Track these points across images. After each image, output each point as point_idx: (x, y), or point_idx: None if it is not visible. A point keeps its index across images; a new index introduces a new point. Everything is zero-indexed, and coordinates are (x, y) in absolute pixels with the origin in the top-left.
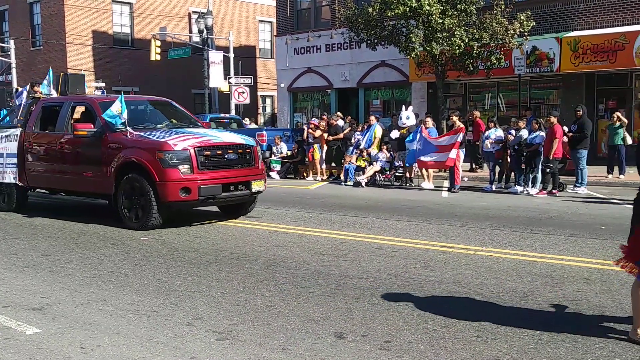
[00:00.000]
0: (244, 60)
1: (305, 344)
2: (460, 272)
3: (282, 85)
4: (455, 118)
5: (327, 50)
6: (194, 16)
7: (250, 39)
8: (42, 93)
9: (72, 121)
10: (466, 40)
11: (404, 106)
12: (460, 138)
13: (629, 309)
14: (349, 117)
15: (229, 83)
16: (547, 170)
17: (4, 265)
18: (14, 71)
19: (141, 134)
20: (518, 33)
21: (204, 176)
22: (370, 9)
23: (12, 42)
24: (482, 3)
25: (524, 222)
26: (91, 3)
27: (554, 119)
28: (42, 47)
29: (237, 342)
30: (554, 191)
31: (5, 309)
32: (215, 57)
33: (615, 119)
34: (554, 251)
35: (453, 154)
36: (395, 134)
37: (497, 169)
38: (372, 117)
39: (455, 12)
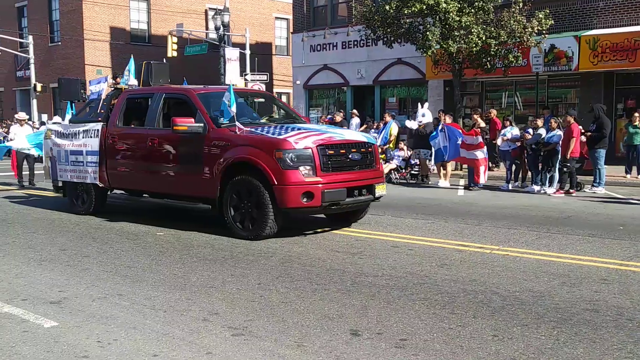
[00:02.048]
0: (260, 57)
1: (321, 341)
2: (476, 270)
3: (298, 82)
4: (477, 117)
5: (343, 48)
6: (211, 13)
7: (266, 35)
8: (120, 84)
9: (162, 115)
10: (483, 38)
11: (419, 104)
12: (480, 139)
13: None
14: (353, 114)
15: (245, 80)
16: (565, 169)
17: (22, 259)
18: (32, 67)
19: (252, 129)
20: (536, 31)
21: (327, 179)
22: (387, 7)
23: (30, 37)
24: (499, 1)
25: (541, 221)
26: None
27: (570, 118)
28: (60, 43)
29: (253, 338)
30: (571, 191)
31: (24, 302)
32: (231, 53)
33: (636, 118)
34: (571, 251)
35: (481, 154)
36: (410, 123)
37: (514, 167)
38: (388, 115)
39: (472, 10)
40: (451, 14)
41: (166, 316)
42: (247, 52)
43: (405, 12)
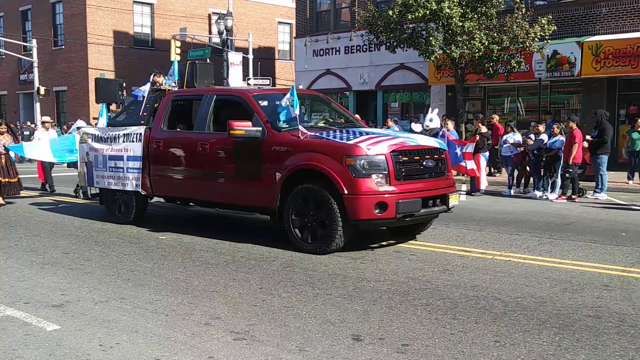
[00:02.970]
0: (263, 61)
1: (323, 346)
2: (478, 276)
3: (301, 86)
4: (478, 122)
5: (346, 53)
6: (214, 17)
7: (269, 40)
8: (162, 85)
9: (212, 118)
10: (486, 44)
11: (430, 108)
12: (470, 149)
13: None
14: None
15: (248, 84)
16: (567, 175)
17: (25, 262)
18: (35, 70)
19: (317, 134)
20: (539, 37)
21: (401, 188)
22: (390, 12)
23: (34, 41)
24: (502, 6)
25: (543, 227)
26: (112, 3)
27: (573, 124)
28: (63, 47)
29: (255, 343)
30: (573, 197)
31: (26, 305)
32: (234, 58)
33: (639, 123)
34: (573, 257)
35: (470, 165)
36: (415, 126)
37: (516, 173)
38: (390, 120)
39: (475, 16)
40: (454, 19)
41: (168, 320)
42: (250, 56)
43: (409, 17)
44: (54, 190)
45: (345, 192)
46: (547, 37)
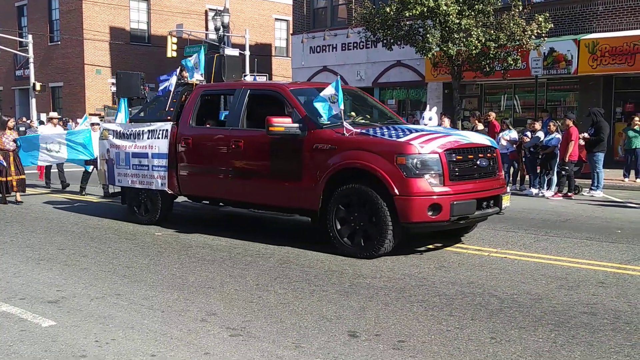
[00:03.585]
0: (260, 58)
1: (319, 342)
2: (474, 273)
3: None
4: (474, 120)
5: (342, 50)
6: (211, 13)
7: (266, 37)
8: (187, 78)
9: (245, 114)
10: (483, 41)
11: (428, 106)
12: None
13: None
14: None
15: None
16: (563, 172)
17: (20, 258)
18: (31, 66)
19: (364, 131)
20: (535, 34)
21: (455, 189)
22: (387, 9)
23: (30, 37)
24: (499, 4)
25: (539, 224)
26: None
27: (569, 122)
28: (59, 43)
29: (251, 339)
30: (569, 194)
31: (22, 301)
32: (231, 54)
33: (636, 122)
34: (569, 254)
35: None
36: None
37: (512, 170)
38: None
39: (472, 13)
40: (451, 16)
41: (164, 316)
42: (247, 53)
43: (406, 14)
44: (67, 185)
45: (397, 193)
46: (543, 35)
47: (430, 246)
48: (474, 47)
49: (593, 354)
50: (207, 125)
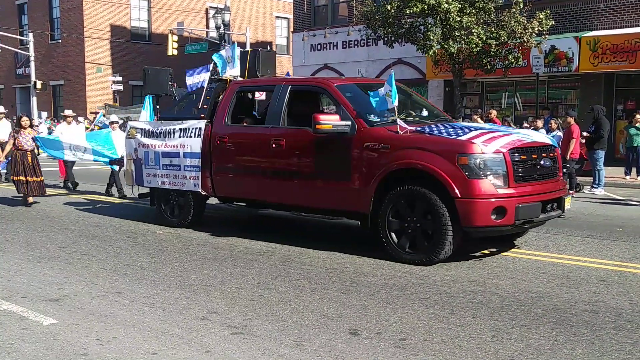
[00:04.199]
0: None
1: (320, 340)
2: (475, 271)
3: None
4: (477, 117)
5: (343, 47)
6: (211, 11)
7: (267, 34)
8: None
9: (286, 111)
10: (484, 39)
11: None
12: None
13: None
14: None
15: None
16: (564, 170)
17: (22, 257)
18: (32, 64)
19: (419, 129)
20: (537, 32)
21: (519, 191)
22: (388, 7)
23: (31, 35)
24: (500, 1)
25: None
26: None
27: (571, 119)
28: (60, 41)
29: (252, 337)
30: (570, 192)
31: (23, 299)
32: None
33: (637, 120)
34: (570, 252)
35: None
36: None
37: None
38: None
39: (473, 10)
40: (452, 14)
41: (165, 314)
42: (248, 51)
43: (407, 12)
44: (76, 185)
45: (458, 195)
46: (545, 32)
47: None
48: (475, 45)
49: (594, 352)
50: (244, 124)
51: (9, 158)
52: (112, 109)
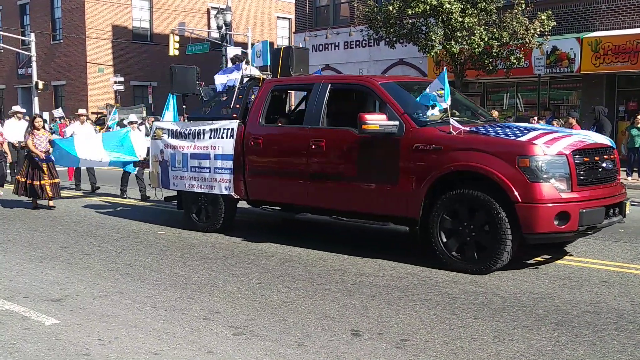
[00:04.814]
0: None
1: (322, 341)
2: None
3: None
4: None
5: (345, 48)
6: (213, 12)
7: (268, 35)
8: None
9: (325, 111)
10: (486, 40)
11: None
12: None
13: None
14: None
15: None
16: None
17: (23, 257)
18: (34, 64)
19: (473, 129)
20: (538, 33)
21: (583, 195)
22: (390, 7)
23: (32, 35)
24: (502, 2)
25: None
26: None
27: (572, 120)
28: (62, 41)
29: (253, 337)
30: None
31: (25, 299)
32: (233, 53)
33: (639, 120)
34: (572, 253)
35: None
36: None
37: None
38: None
39: (475, 11)
40: (454, 14)
41: (167, 315)
42: (249, 51)
43: (409, 12)
44: (80, 189)
45: (519, 199)
46: (546, 33)
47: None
48: (476, 46)
49: (596, 353)
50: (278, 124)
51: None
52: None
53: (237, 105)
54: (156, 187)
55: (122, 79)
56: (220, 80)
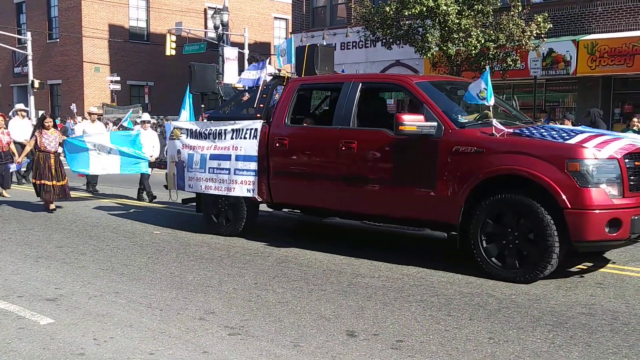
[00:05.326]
0: (259, 56)
1: (317, 341)
2: (472, 273)
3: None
4: (568, 122)
5: (342, 49)
6: (210, 12)
7: (265, 35)
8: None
9: (356, 111)
10: (482, 41)
11: None
12: None
13: None
14: None
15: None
16: None
17: (19, 256)
18: (30, 63)
19: (517, 131)
20: (535, 35)
21: (635, 201)
22: (387, 8)
23: (29, 34)
24: (499, 4)
25: None
26: None
27: (568, 122)
28: (58, 40)
29: (249, 338)
30: None
31: (20, 298)
32: (230, 53)
33: (635, 123)
34: (566, 254)
35: None
36: None
37: None
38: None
39: (472, 13)
40: (451, 16)
41: (162, 315)
42: (246, 51)
43: (405, 13)
44: (96, 191)
45: (568, 205)
46: (543, 35)
47: (426, 245)
48: (473, 47)
49: (591, 354)
50: (304, 124)
51: (29, 159)
52: (110, 109)
53: (261, 105)
54: (172, 188)
55: (118, 78)
56: (246, 78)
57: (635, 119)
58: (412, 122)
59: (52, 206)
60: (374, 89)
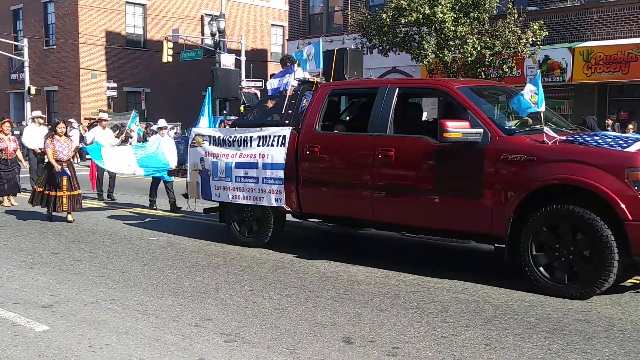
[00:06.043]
0: (256, 63)
1: (313, 348)
2: (468, 279)
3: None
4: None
5: None
6: (207, 19)
7: (262, 42)
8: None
9: (393, 116)
10: (478, 49)
11: (424, 113)
12: None
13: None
14: None
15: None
16: None
17: (14, 263)
18: (26, 70)
19: (570, 138)
20: (530, 42)
21: None
22: (383, 15)
23: (25, 40)
24: (495, 11)
25: None
26: (105, 3)
27: (630, 128)
28: (55, 47)
29: (245, 345)
30: None
31: (15, 305)
32: (227, 60)
33: (630, 130)
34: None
35: None
36: None
37: None
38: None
39: (468, 20)
40: (447, 23)
41: (158, 321)
42: (243, 58)
43: (402, 21)
44: (114, 199)
45: (629, 217)
46: (538, 43)
47: (422, 251)
48: (469, 55)
49: None
50: (335, 131)
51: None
52: (107, 115)
53: (290, 111)
54: (195, 197)
55: (115, 85)
56: (272, 84)
57: (630, 126)
58: (457, 128)
59: (70, 217)
60: (411, 94)
